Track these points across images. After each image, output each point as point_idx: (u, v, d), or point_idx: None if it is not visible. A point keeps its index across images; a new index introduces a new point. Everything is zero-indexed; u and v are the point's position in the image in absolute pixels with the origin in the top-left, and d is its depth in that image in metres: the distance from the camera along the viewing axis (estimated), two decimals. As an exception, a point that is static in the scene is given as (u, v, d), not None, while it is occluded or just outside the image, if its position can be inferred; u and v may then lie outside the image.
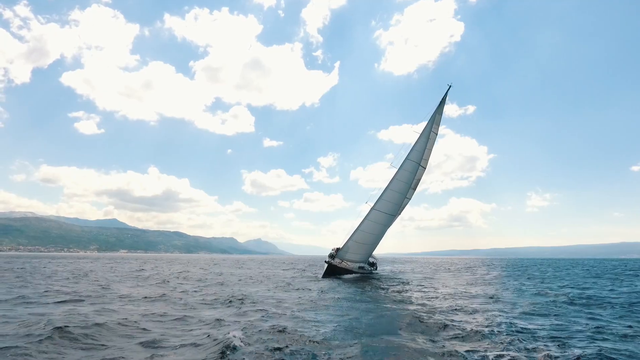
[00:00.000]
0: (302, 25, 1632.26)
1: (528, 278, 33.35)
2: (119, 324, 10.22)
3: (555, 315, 13.15)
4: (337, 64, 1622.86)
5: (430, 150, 35.63)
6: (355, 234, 33.39)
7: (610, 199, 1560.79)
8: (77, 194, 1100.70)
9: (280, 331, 9.51)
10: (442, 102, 34.62)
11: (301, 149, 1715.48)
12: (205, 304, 15.02)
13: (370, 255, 35.74)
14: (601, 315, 13.28)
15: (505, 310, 13.99)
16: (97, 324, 9.84)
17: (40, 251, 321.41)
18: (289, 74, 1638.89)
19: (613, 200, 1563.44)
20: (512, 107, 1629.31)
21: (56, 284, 22.39)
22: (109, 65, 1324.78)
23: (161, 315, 11.93)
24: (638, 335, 9.91)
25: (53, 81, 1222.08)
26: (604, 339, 9.52)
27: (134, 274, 33.51)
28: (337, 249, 33.98)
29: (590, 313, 13.65)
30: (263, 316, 11.96)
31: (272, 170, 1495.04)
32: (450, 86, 34.53)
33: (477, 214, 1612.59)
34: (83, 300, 15.29)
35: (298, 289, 21.50)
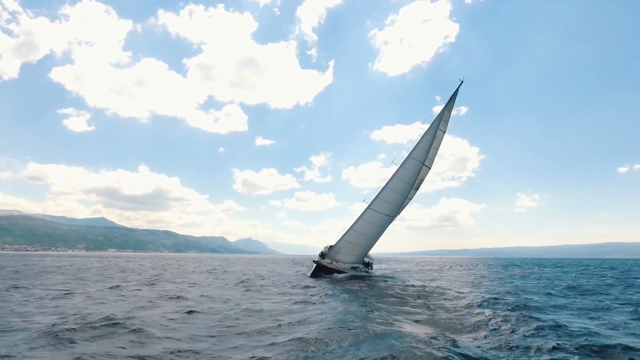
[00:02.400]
0: (297, 23, 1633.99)
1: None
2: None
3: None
4: (331, 63, 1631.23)
5: (437, 149, 33.24)
6: (347, 234, 31.27)
7: (596, 200, 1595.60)
8: (65, 192, 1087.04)
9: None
10: (453, 99, 32.06)
11: (294, 148, 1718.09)
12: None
13: (364, 256, 33.39)
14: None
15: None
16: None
17: (27, 250, 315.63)
18: (284, 73, 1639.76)
19: (599, 201, 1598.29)
20: (503, 108, 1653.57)
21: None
22: (100, 61, 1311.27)
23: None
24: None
25: (42, 77, 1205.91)
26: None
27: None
28: (331, 247, 31.92)
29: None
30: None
31: (264, 169, 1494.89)
32: (462, 81, 31.89)
33: (467, 214, 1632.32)
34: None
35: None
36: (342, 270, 31.22)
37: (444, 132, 32.80)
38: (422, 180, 34.11)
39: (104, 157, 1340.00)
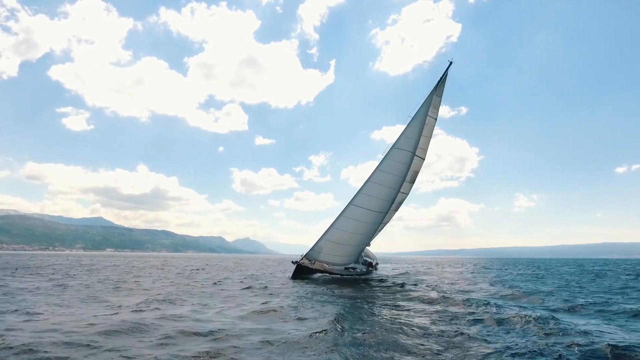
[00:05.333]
0: (298, 22, 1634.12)
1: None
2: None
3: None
4: (332, 62, 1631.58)
5: (429, 137, 30.36)
6: (328, 233, 28.62)
7: (594, 200, 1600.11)
8: (63, 191, 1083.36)
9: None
10: (442, 82, 29.35)
11: (293, 148, 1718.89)
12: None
13: (356, 256, 30.45)
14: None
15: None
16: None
17: (25, 249, 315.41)
18: (285, 72, 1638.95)
19: (597, 202, 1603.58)
20: (504, 109, 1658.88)
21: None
22: (100, 60, 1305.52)
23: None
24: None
25: (41, 75, 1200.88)
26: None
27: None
28: None
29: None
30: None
31: (264, 169, 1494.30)
32: (451, 62, 29.12)
33: (465, 214, 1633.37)
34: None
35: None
36: (331, 271, 29.22)
37: (435, 119, 30.23)
38: (417, 172, 31.58)
39: (103, 156, 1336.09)
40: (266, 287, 21.45)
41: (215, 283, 23.99)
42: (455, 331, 9.76)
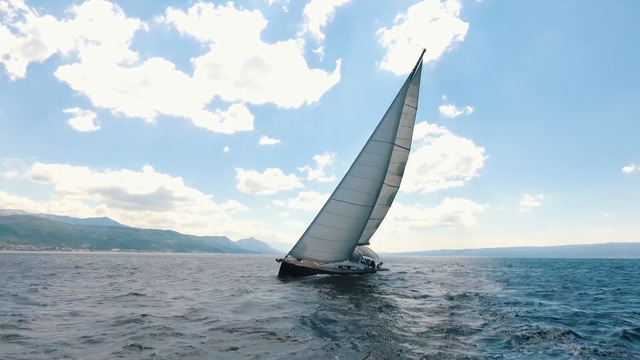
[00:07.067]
0: (305, 21, 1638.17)
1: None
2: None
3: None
4: (338, 62, 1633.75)
5: (411, 127, 30.17)
6: (311, 229, 27.62)
7: (600, 200, 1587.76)
8: (69, 191, 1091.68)
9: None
10: (417, 69, 29.04)
11: (298, 148, 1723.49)
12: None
13: (347, 252, 29.01)
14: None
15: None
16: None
17: (32, 250, 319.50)
18: (291, 72, 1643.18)
19: (603, 201, 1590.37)
20: (509, 108, 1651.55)
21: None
22: (107, 60, 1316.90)
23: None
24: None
25: (49, 76, 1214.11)
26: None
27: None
28: None
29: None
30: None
31: (269, 169, 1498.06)
32: (425, 50, 29.10)
33: (471, 214, 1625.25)
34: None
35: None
36: (323, 269, 28.46)
37: (415, 108, 29.81)
38: (403, 163, 31.13)
39: (109, 156, 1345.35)
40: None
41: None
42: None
